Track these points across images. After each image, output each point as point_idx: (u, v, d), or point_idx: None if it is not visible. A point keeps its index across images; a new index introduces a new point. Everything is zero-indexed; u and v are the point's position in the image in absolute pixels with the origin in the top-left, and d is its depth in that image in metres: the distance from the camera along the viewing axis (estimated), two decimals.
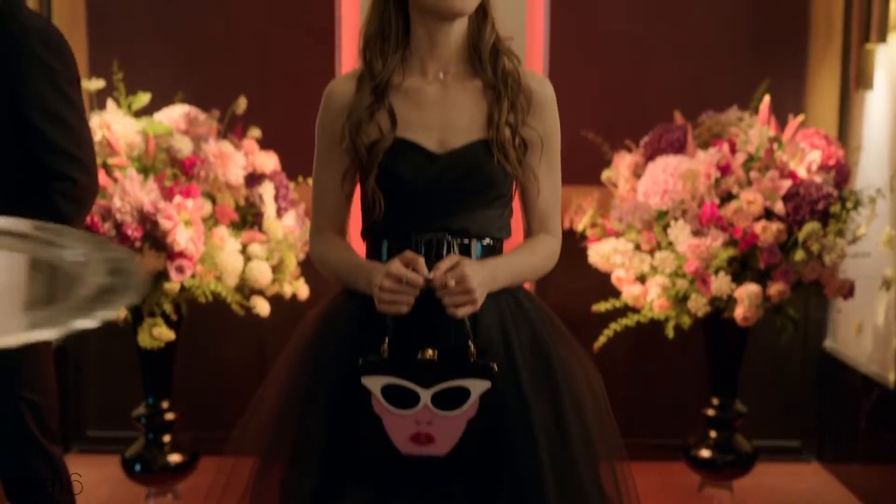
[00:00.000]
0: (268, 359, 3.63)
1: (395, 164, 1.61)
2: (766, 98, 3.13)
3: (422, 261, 1.55)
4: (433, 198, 1.62)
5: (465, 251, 1.63)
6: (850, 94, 3.61)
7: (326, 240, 1.72)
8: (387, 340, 1.55)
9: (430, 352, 1.54)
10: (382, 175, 1.61)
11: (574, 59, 3.50)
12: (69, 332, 0.90)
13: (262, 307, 3.02)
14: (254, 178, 3.05)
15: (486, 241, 1.65)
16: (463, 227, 1.62)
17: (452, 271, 1.55)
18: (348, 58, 2.92)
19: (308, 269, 3.19)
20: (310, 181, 3.26)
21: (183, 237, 2.78)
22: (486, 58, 1.66)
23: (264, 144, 3.15)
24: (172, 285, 2.83)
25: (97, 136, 2.89)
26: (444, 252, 1.60)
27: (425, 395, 1.53)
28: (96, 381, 3.69)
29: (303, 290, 3.12)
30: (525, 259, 1.68)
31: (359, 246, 1.74)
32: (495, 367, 1.54)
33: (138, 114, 3.08)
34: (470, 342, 1.55)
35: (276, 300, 3.09)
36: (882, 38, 3.44)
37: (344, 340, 1.61)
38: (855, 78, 3.58)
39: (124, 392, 3.41)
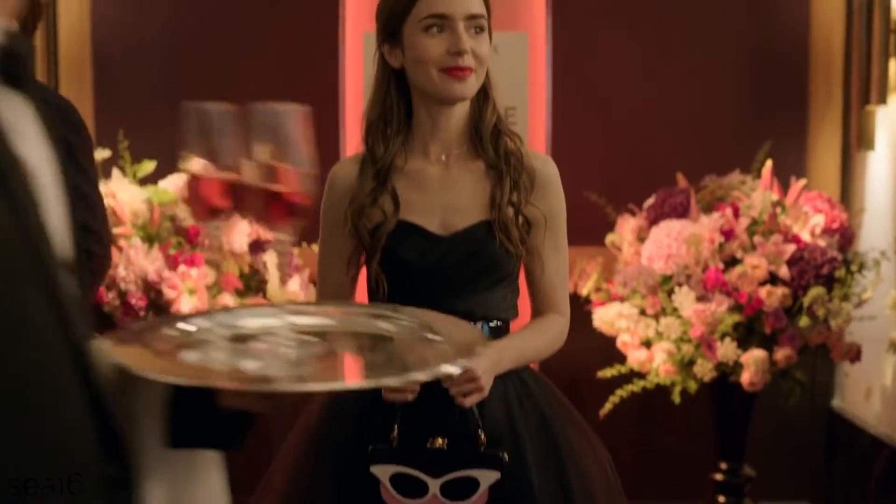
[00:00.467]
0: (270, 426, 3.60)
1: (399, 247, 1.61)
2: (769, 162, 3.15)
3: None
4: (437, 280, 1.62)
5: None
6: (852, 155, 3.62)
7: None
8: (396, 428, 1.53)
9: (439, 440, 1.53)
10: (386, 258, 1.61)
11: (576, 121, 3.52)
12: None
13: None
14: (258, 245, 3.05)
15: (493, 322, 1.64)
16: (468, 309, 1.62)
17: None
18: (352, 124, 2.95)
19: None
20: (314, 247, 3.29)
21: (187, 306, 2.78)
22: (487, 139, 1.67)
23: None
24: None
25: None
26: None
27: (434, 485, 1.52)
28: None
29: None
30: (531, 341, 1.67)
31: None
32: (505, 456, 1.53)
33: (144, 181, 3.10)
34: (480, 431, 1.54)
35: None
36: (882, 99, 3.46)
37: (352, 427, 1.60)
38: (856, 139, 3.59)
39: None
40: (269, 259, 3.01)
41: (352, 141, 2.93)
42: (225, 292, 2.93)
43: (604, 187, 3.41)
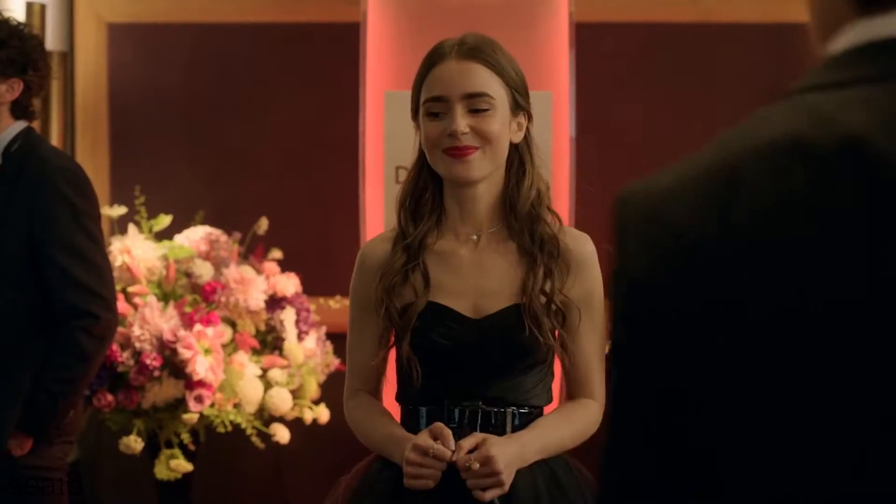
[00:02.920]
0: (286, 485, 3.53)
1: (430, 330, 1.57)
2: None
3: (450, 434, 1.49)
4: (468, 364, 1.57)
5: (501, 420, 1.56)
6: None
7: (362, 404, 1.68)
8: None
9: None
10: (417, 340, 1.57)
11: (601, 179, 3.45)
12: None
13: (282, 434, 2.95)
14: (274, 301, 3.00)
15: (524, 409, 1.58)
16: (498, 395, 1.57)
17: (478, 451, 1.48)
18: (372, 176, 2.91)
19: (329, 392, 3.12)
20: (331, 303, 3.25)
21: (202, 366, 2.73)
22: (523, 219, 1.61)
23: (285, 264, 3.12)
24: (191, 415, 2.77)
25: (118, 262, 2.87)
26: (479, 421, 1.54)
27: None
28: None
29: (323, 415, 3.05)
30: (559, 430, 1.60)
31: (393, 408, 1.69)
32: None
33: (159, 236, 3.06)
34: None
35: (295, 423, 3.02)
36: None
37: None
38: None
39: None
40: (287, 316, 2.96)
41: (371, 199, 2.89)
42: (241, 351, 2.88)
43: None
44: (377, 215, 2.88)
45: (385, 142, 2.84)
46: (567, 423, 1.61)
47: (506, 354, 1.57)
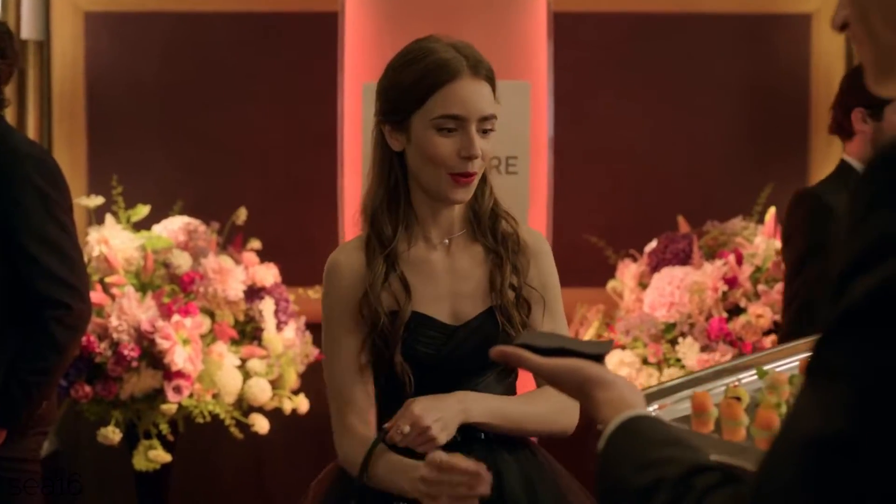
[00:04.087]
0: (265, 475, 3.53)
1: (416, 341, 1.56)
2: (772, 209, 3.11)
3: (456, 455, 1.43)
4: (453, 369, 1.57)
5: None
6: None
7: (358, 442, 1.56)
8: None
9: None
10: (404, 352, 1.56)
11: (578, 167, 3.48)
12: None
13: (261, 425, 2.95)
14: (253, 292, 3.00)
15: None
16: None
17: (402, 417, 1.48)
18: (351, 167, 2.90)
19: (308, 382, 3.13)
20: (311, 293, 3.24)
21: (181, 357, 2.72)
22: (486, 223, 1.63)
23: (264, 254, 3.12)
24: (170, 406, 2.76)
25: (95, 252, 2.86)
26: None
27: None
28: (92, 499, 3.58)
29: (303, 405, 3.06)
30: (511, 402, 1.60)
31: None
32: None
33: (138, 226, 3.05)
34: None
35: (275, 413, 3.02)
36: None
37: None
38: None
39: None
40: (265, 306, 2.96)
41: (350, 189, 2.89)
42: (220, 341, 2.87)
43: (605, 231, 3.38)
44: (356, 205, 2.87)
45: (363, 133, 2.84)
46: (528, 402, 1.61)
47: (486, 358, 1.56)
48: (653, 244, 3.17)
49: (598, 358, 1.05)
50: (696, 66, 3.64)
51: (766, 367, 1.47)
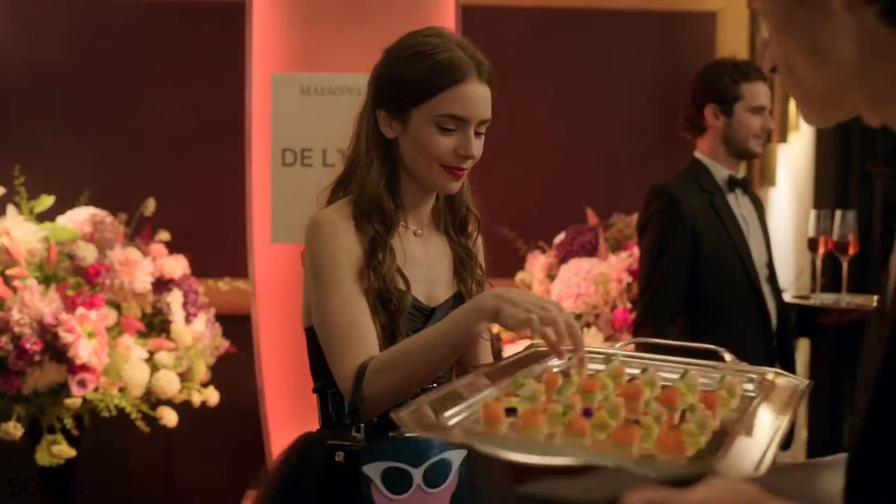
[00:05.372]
0: (175, 467, 3.50)
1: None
2: None
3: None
4: None
5: None
6: (755, 190, 3.70)
7: (364, 352, 1.50)
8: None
9: None
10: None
11: (489, 158, 3.51)
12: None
13: (170, 418, 2.92)
14: (161, 284, 2.97)
15: None
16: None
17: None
18: (259, 158, 2.89)
19: (218, 374, 3.11)
20: (220, 284, 3.22)
21: (85, 350, 2.68)
22: (461, 217, 1.71)
23: (172, 246, 3.08)
24: (74, 400, 2.72)
25: None
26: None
27: (417, 475, 1.58)
28: None
29: (213, 397, 3.04)
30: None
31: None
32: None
33: (41, 217, 2.99)
34: None
35: (184, 406, 3.00)
36: (783, 138, 3.55)
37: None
38: (759, 175, 3.68)
39: None
40: (174, 298, 2.93)
41: (258, 179, 2.87)
42: (126, 334, 2.84)
43: (516, 223, 3.42)
44: (264, 196, 2.86)
45: (272, 124, 2.83)
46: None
47: None
48: (561, 236, 3.23)
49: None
50: (603, 60, 3.71)
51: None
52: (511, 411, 1.19)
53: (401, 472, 1.55)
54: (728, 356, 1.55)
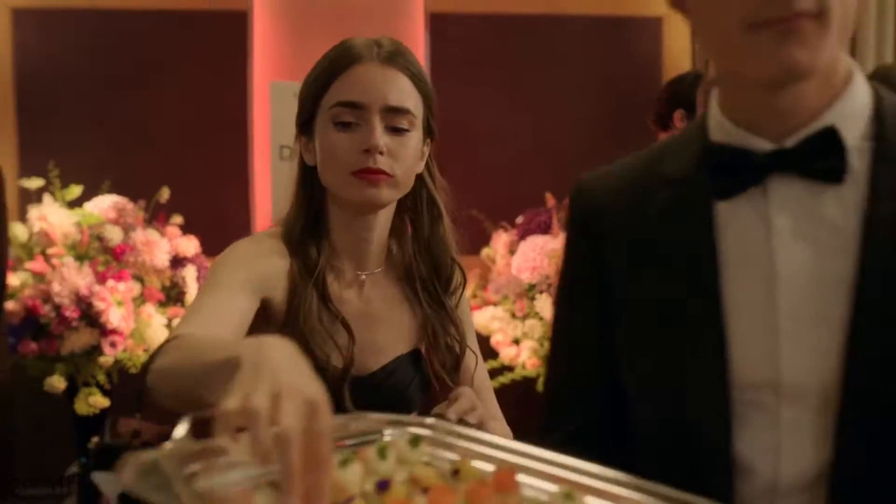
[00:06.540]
0: None
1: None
2: None
3: None
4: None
5: None
6: None
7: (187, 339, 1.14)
8: None
9: None
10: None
11: (456, 150, 3.95)
12: None
13: None
14: (177, 261, 3.44)
15: None
16: None
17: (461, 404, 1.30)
18: (260, 152, 3.32)
19: None
20: None
21: (115, 316, 3.16)
22: (443, 269, 1.41)
23: (185, 229, 3.53)
24: (106, 358, 3.20)
25: (36, 228, 3.26)
26: None
27: None
28: (26, 443, 3.93)
29: None
30: None
31: None
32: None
33: (71, 204, 3.45)
34: None
35: None
36: None
37: None
38: None
39: (54, 455, 3.68)
40: (188, 273, 3.40)
41: (259, 171, 3.30)
42: (148, 303, 3.32)
43: (483, 204, 3.86)
44: (265, 185, 3.30)
45: (272, 126, 3.24)
46: None
47: (396, 407, 1.32)
48: (521, 218, 3.70)
49: None
50: (558, 63, 4.09)
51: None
52: None
53: None
54: None
